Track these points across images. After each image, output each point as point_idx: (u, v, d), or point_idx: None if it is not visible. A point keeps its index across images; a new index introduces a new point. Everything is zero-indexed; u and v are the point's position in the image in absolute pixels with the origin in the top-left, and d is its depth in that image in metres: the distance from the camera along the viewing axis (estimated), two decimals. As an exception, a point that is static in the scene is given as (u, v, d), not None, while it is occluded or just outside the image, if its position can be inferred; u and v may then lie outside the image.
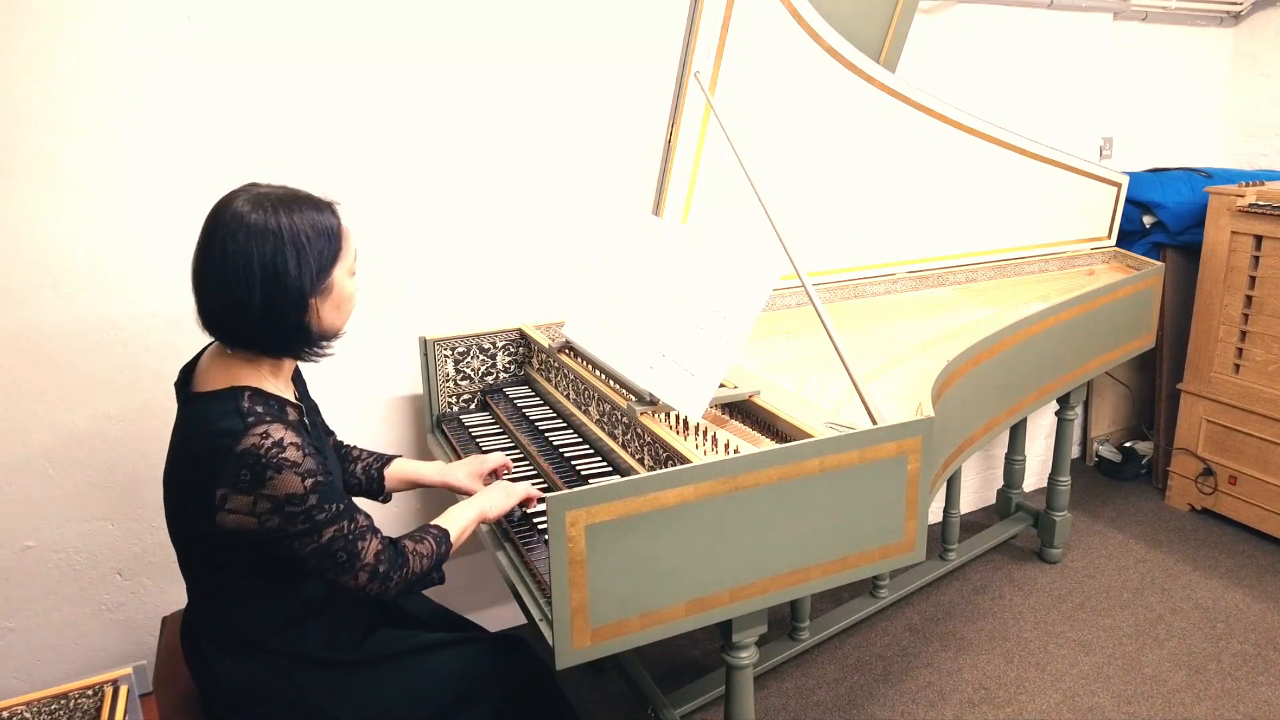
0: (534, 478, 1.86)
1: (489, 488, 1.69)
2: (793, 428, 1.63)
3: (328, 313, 1.38)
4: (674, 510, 1.39)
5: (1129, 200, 3.33)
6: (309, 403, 1.56)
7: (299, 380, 1.54)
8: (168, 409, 1.47)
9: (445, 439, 2.17)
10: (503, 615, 2.68)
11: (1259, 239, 3.03)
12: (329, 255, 1.36)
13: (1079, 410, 3.12)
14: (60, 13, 1.89)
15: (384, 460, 1.80)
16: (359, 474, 1.77)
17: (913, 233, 2.73)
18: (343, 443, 1.79)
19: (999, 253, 2.94)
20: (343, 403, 2.34)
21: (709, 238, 1.82)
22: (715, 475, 1.41)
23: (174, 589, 2.25)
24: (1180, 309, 3.46)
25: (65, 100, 1.93)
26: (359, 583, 1.38)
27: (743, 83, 2.19)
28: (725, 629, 1.58)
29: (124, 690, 1.48)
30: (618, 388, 1.85)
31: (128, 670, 1.52)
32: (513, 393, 2.28)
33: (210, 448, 1.30)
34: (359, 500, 1.59)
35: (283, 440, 1.29)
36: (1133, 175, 3.32)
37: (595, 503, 1.33)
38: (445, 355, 2.25)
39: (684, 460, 1.52)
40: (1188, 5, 3.55)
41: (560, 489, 1.69)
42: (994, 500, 3.46)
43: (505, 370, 2.34)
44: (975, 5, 3.02)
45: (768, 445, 1.58)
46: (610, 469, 1.79)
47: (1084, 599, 2.86)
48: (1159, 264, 2.99)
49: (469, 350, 2.28)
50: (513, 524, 1.67)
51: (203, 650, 1.43)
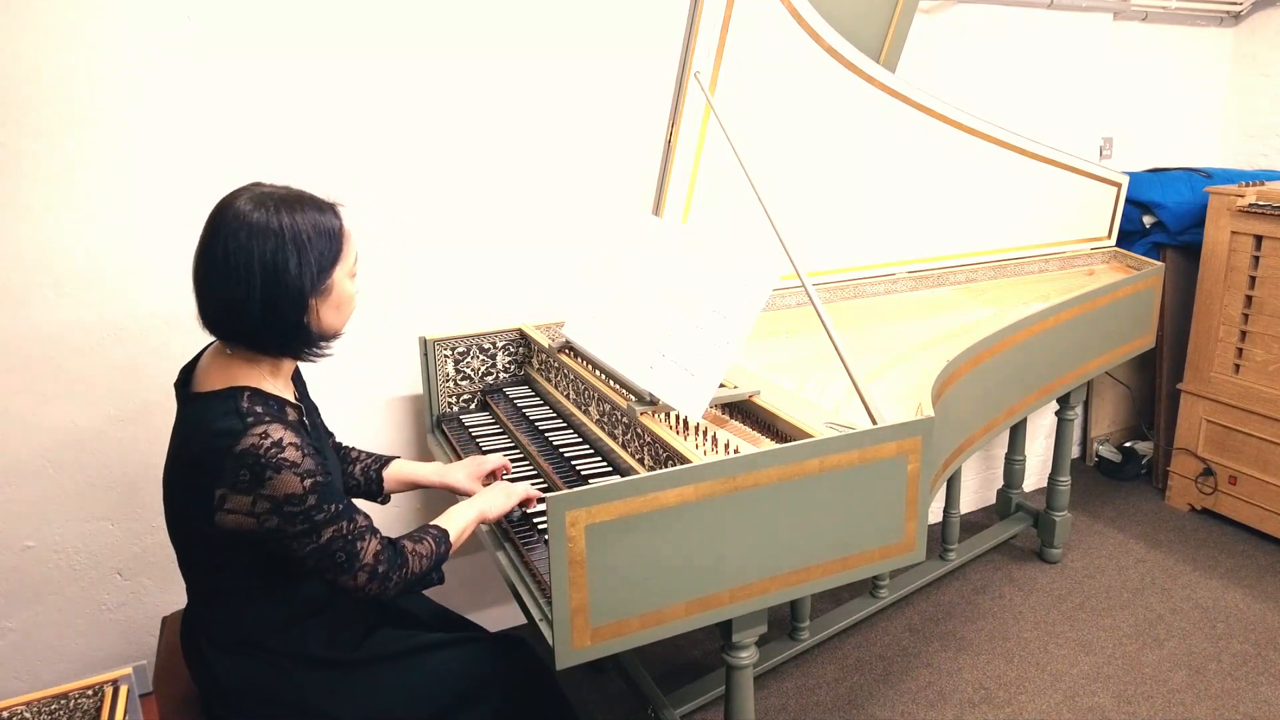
0: (534, 478, 1.86)
1: (489, 488, 1.69)
2: (793, 428, 1.63)
3: (327, 313, 1.38)
4: (674, 510, 1.39)
5: (1129, 200, 3.33)
6: (309, 403, 1.56)
7: (299, 381, 1.54)
8: (168, 409, 1.47)
9: (445, 439, 2.17)
10: (503, 615, 2.68)
11: (1259, 239, 3.04)
12: (329, 256, 1.36)
13: (1079, 410, 3.12)
14: (60, 12, 1.89)
15: (383, 461, 1.80)
16: (357, 475, 1.77)
17: (913, 233, 2.73)
18: (341, 444, 1.79)
19: (999, 253, 2.94)
20: (343, 403, 2.34)
21: (709, 238, 1.82)
22: (715, 475, 1.41)
23: (174, 589, 2.25)
24: (1180, 309, 3.46)
25: (65, 100, 1.93)
26: (358, 583, 1.38)
27: (743, 83, 2.19)
28: (725, 629, 1.58)
29: (124, 690, 1.48)
30: (618, 388, 1.85)
31: (128, 670, 1.52)
32: (513, 393, 2.28)
33: (210, 448, 1.30)
34: (358, 501, 1.59)
35: (282, 440, 1.29)
36: (1133, 175, 3.32)
37: (595, 503, 1.33)
38: (445, 355, 2.25)
39: (684, 460, 1.52)
40: (1188, 5, 3.55)
41: (560, 489, 1.69)
42: (994, 500, 3.46)
43: (505, 370, 2.34)
44: (975, 5, 3.02)
45: (768, 445, 1.58)
46: (610, 469, 1.79)
47: (1084, 599, 2.86)
48: (1159, 264, 3.00)
49: (469, 350, 2.28)
50: (512, 524, 1.67)
51: (202, 650, 1.43)
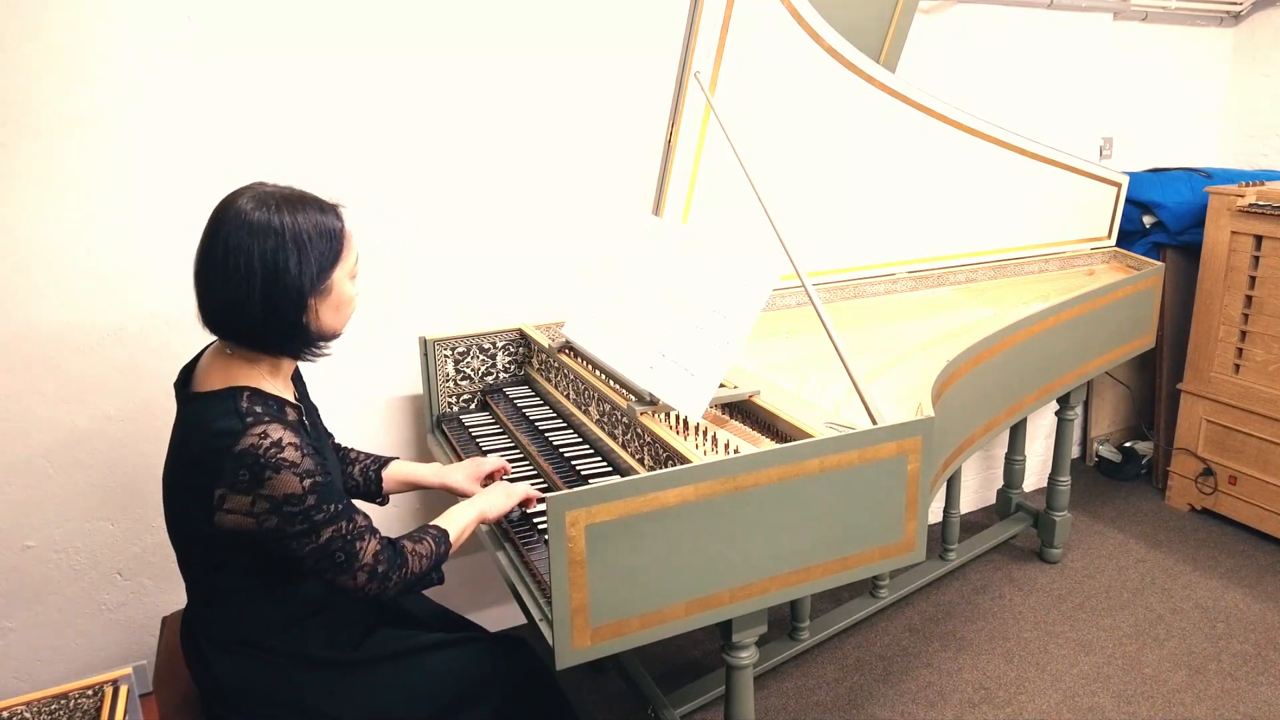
0: (534, 478, 1.86)
1: (488, 488, 1.69)
2: (793, 428, 1.63)
3: (326, 314, 1.38)
4: (674, 510, 1.39)
5: (1129, 200, 3.33)
6: (308, 404, 1.56)
7: (299, 381, 1.54)
8: (168, 409, 1.47)
9: (445, 439, 2.17)
10: (503, 615, 2.68)
11: (1259, 239, 3.04)
12: (330, 256, 1.36)
13: (1079, 410, 3.12)
14: (60, 13, 1.89)
15: (381, 462, 1.79)
16: (356, 476, 1.77)
17: (913, 233, 2.73)
18: (340, 445, 1.79)
19: (999, 253, 2.94)
20: (343, 403, 2.34)
21: (709, 238, 1.82)
22: (715, 475, 1.41)
23: (174, 589, 2.25)
24: (1180, 309, 3.46)
25: (65, 100, 1.93)
26: (358, 583, 1.38)
27: (743, 83, 2.19)
28: (725, 629, 1.58)
29: (124, 690, 1.48)
30: (618, 388, 1.85)
31: (128, 670, 1.52)
32: (513, 393, 2.28)
33: (209, 448, 1.30)
34: (357, 502, 1.59)
35: (281, 440, 1.29)
36: (1133, 175, 3.32)
37: (595, 503, 1.33)
38: (445, 355, 2.25)
39: (684, 460, 1.52)
40: (1188, 5, 3.55)
41: (560, 489, 1.69)
42: (994, 500, 3.46)
43: (505, 370, 2.34)
44: (975, 5, 3.02)
45: (768, 445, 1.58)
46: (610, 469, 1.79)
47: (1084, 599, 2.86)
48: (1159, 264, 2.99)
49: (469, 350, 2.28)
50: (512, 524, 1.67)
51: (202, 650, 1.43)
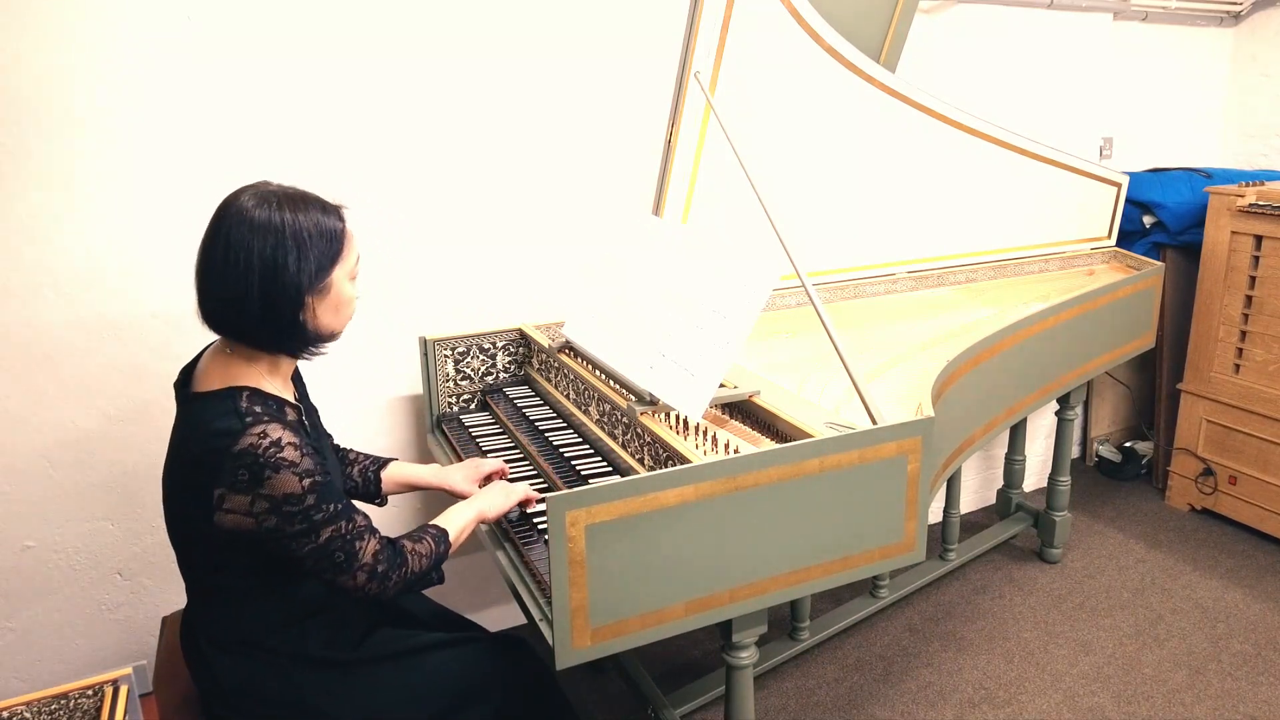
0: (534, 478, 1.86)
1: (488, 488, 1.69)
2: (793, 428, 1.63)
3: (325, 313, 1.38)
4: (674, 510, 1.39)
5: (1129, 200, 3.33)
6: (308, 404, 1.56)
7: (299, 382, 1.54)
8: (168, 409, 1.47)
9: (445, 439, 2.17)
10: (503, 615, 2.68)
11: (1259, 239, 3.03)
12: (329, 256, 1.36)
13: (1079, 410, 3.12)
14: (60, 12, 1.89)
15: (380, 463, 1.79)
16: (355, 477, 1.77)
17: (913, 233, 2.73)
18: (339, 445, 1.79)
19: (999, 253, 2.94)
20: (343, 403, 2.34)
21: (709, 238, 1.82)
22: (715, 475, 1.41)
23: (174, 589, 2.25)
24: (1180, 309, 3.46)
25: (65, 100, 1.93)
26: (357, 583, 1.38)
27: (743, 83, 2.19)
28: (725, 629, 1.58)
29: (124, 690, 1.48)
30: (618, 388, 1.85)
31: (128, 670, 1.52)
32: (513, 393, 2.28)
33: (208, 448, 1.30)
34: (356, 502, 1.59)
35: (280, 440, 1.29)
36: (1133, 175, 3.32)
37: (595, 503, 1.33)
38: (445, 355, 2.25)
39: (684, 460, 1.52)
40: (1188, 5, 3.55)
41: (560, 489, 1.69)
42: (994, 500, 3.46)
43: (505, 370, 2.34)
44: (975, 5, 3.02)
45: (768, 445, 1.58)
46: (610, 469, 1.79)
47: (1084, 599, 2.86)
48: (1159, 264, 2.99)
49: (469, 350, 2.28)
50: (512, 524, 1.67)
51: (202, 650, 1.43)
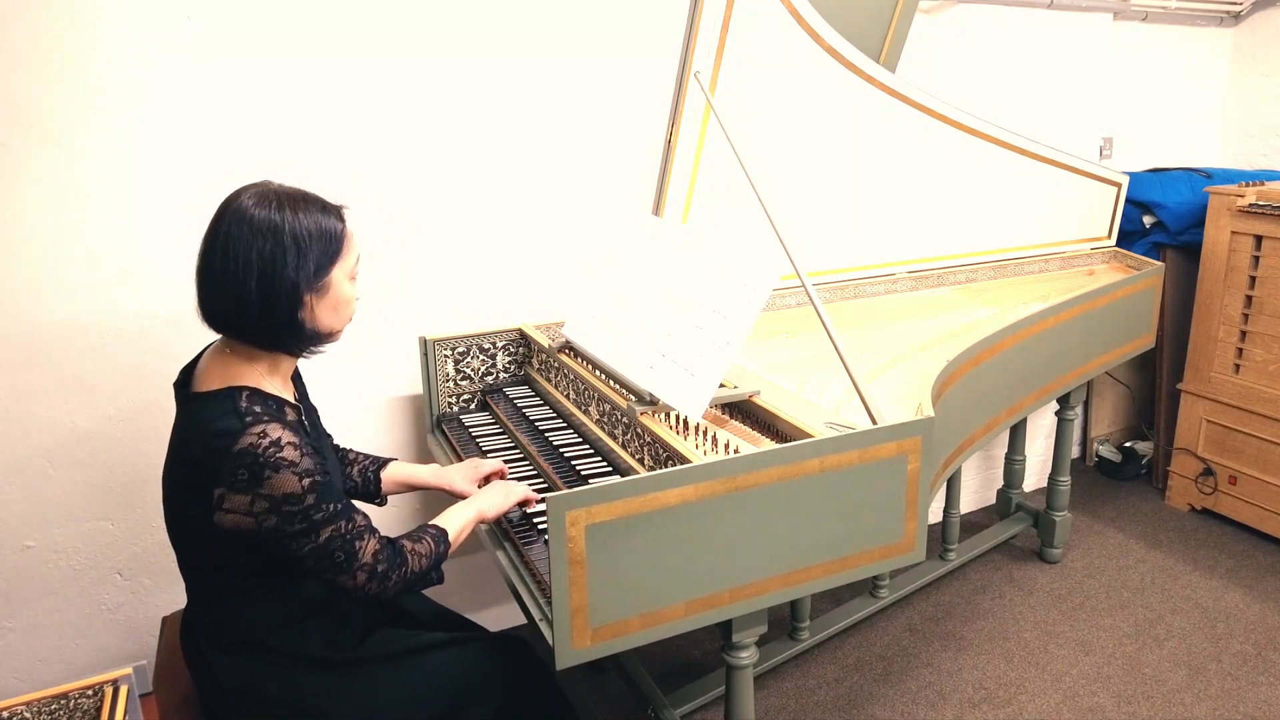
0: (534, 478, 1.86)
1: (487, 488, 1.69)
2: (793, 428, 1.63)
3: (324, 312, 1.38)
4: (674, 510, 1.39)
5: (1129, 200, 3.33)
6: (308, 404, 1.56)
7: (298, 382, 1.55)
8: (168, 409, 1.47)
9: (445, 439, 2.17)
10: (503, 615, 2.68)
11: (1259, 239, 3.03)
12: (328, 256, 1.36)
13: (1079, 410, 3.12)
14: (60, 12, 1.89)
15: (380, 463, 1.80)
16: (355, 477, 1.77)
17: (913, 233, 2.73)
18: (339, 445, 1.79)
19: (999, 253, 2.94)
20: (343, 403, 2.34)
21: (709, 238, 1.82)
22: (715, 475, 1.41)
23: (174, 589, 2.25)
24: (1180, 309, 3.46)
25: (65, 100, 1.93)
26: (357, 583, 1.38)
27: (743, 83, 2.19)
28: (725, 629, 1.58)
29: (124, 690, 1.48)
30: (618, 388, 1.85)
31: (128, 670, 1.52)
32: (513, 393, 2.28)
33: (208, 447, 1.30)
34: (356, 502, 1.59)
35: (280, 440, 1.29)
36: (1133, 175, 3.32)
37: (595, 503, 1.33)
38: (445, 355, 2.25)
39: (684, 460, 1.52)
40: (1188, 5, 3.55)
41: (560, 489, 1.69)
42: (994, 500, 3.46)
43: (505, 370, 2.34)
44: (975, 5, 3.02)
45: (768, 445, 1.58)
46: (610, 469, 1.79)
47: (1084, 599, 2.86)
48: (1159, 264, 2.99)
49: (469, 350, 2.27)
50: (513, 525, 1.67)
51: (202, 650, 1.43)
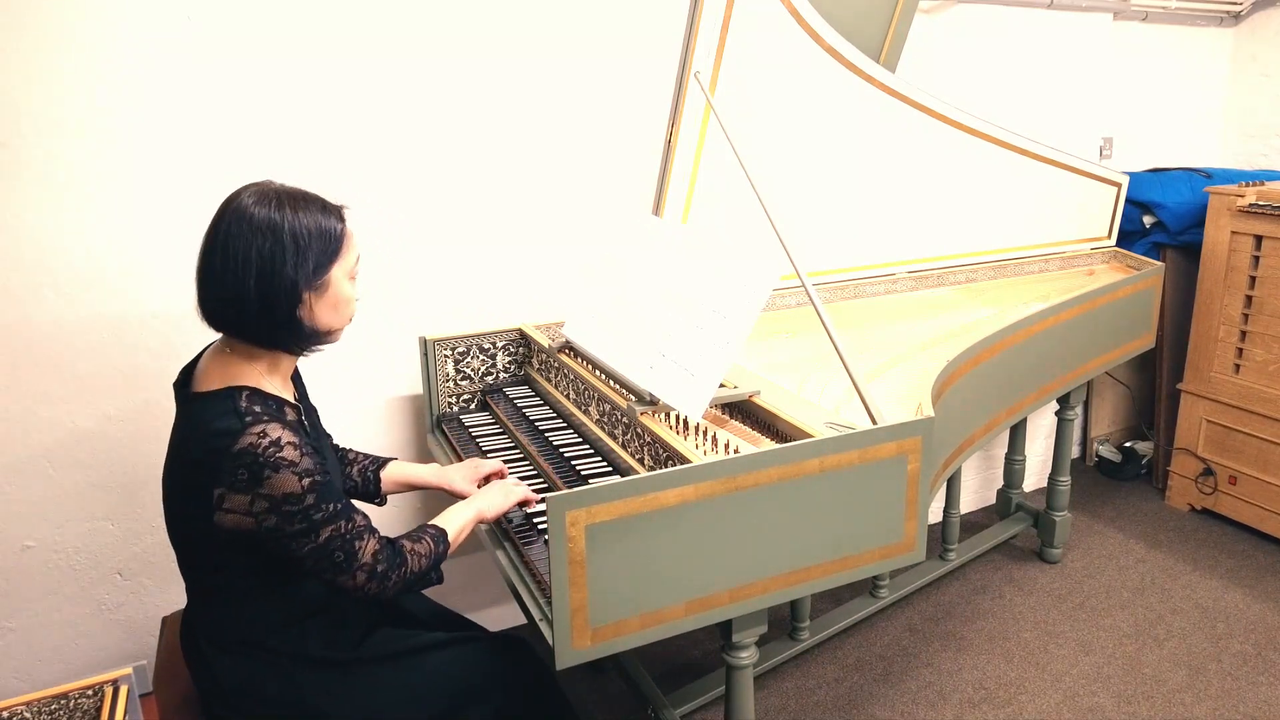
0: (534, 478, 1.86)
1: (487, 488, 1.69)
2: (793, 428, 1.63)
3: (322, 311, 1.38)
4: (674, 510, 1.39)
5: (1129, 200, 3.33)
6: (308, 404, 1.56)
7: (298, 382, 1.55)
8: (168, 409, 1.47)
9: (445, 439, 2.17)
10: (503, 615, 2.68)
11: (1259, 239, 3.03)
12: (327, 255, 1.36)
13: (1079, 410, 3.12)
14: (60, 12, 1.89)
15: (380, 462, 1.80)
16: (355, 476, 1.77)
17: (913, 233, 2.73)
18: (338, 445, 1.79)
19: (999, 253, 2.94)
20: (343, 403, 2.34)
21: (709, 238, 1.82)
22: (715, 475, 1.41)
23: (174, 589, 2.25)
24: (1180, 309, 3.46)
25: (65, 100, 1.93)
26: (357, 583, 1.38)
27: (743, 83, 2.19)
28: (725, 629, 1.58)
29: (124, 690, 1.48)
30: (618, 388, 1.85)
31: (128, 670, 1.52)
32: (513, 393, 2.28)
33: (208, 447, 1.30)
34: (355, 502, 1.59)
35: (280, 440, 1.29)
36: (1133, 175, 3.32)
37: (595, 503, 1.33)
38: (445, 355, 2.25)
39: (684, 460, 1.52)
40: (1188, 5, 3.55)
41: (560, 489, 1.69)
42: (994, 500, 3.46)
43: (505, 370, 2.34)
44: (975, 5, 3.02)
45: (768, 445, 1.58)
46: (610, 469, 1.79)
47: (1084, 599, 2.86)
48: (1159, 264, 2.99)
49: (469, 350, 2.27)
50: (513, 525, 1.67)
51: (202, 650, 1.43)
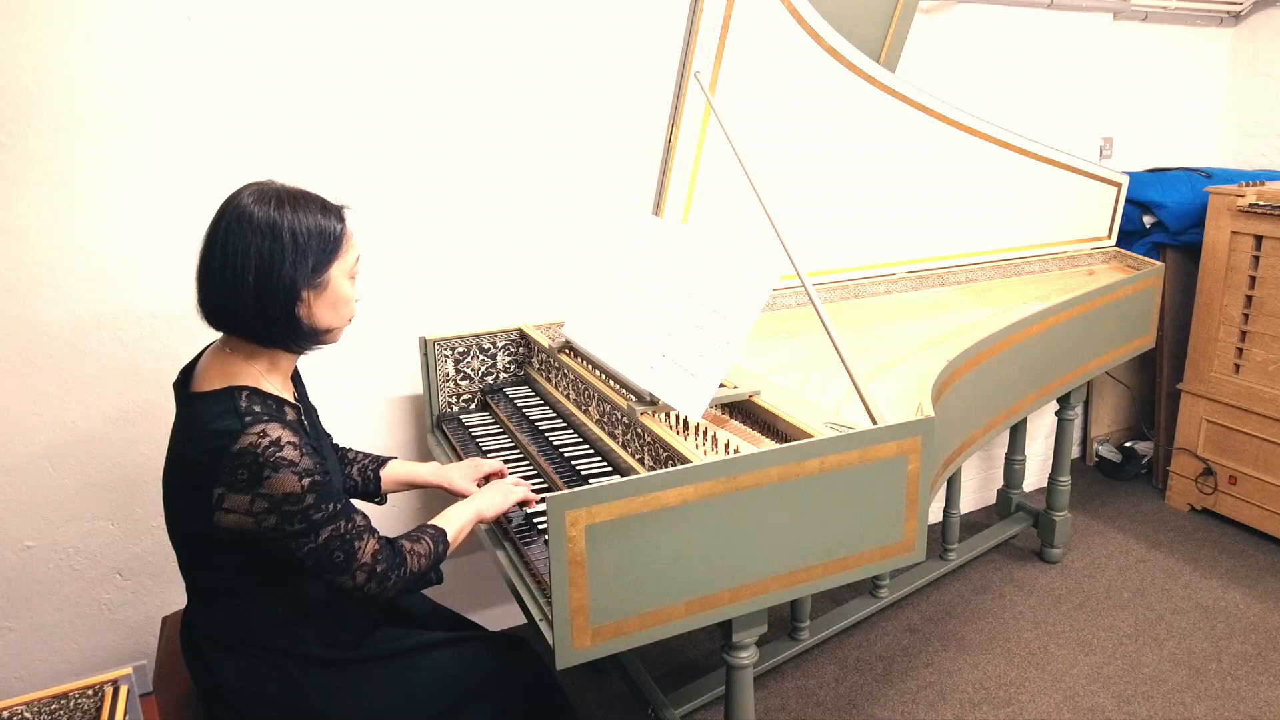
0: (534, 478, 1.86)
1: (486, 487, 1.69)
2: (793, 428, 1.63)
3: (321, 310, 1.38)
4: (674, 510, 1.39)
5: (1129, 200, 3.33)
6: (308, 404, 1.56)
7: (298, 382, 1.55)
8: (168, 409, 1.47)
9: (445, 439, 2.17)
10: (503, 615, 2.68)
11: (1259, 239, 3.03)
12: (326, 253, 1.36)
13: (1079, 410, 3.11)
14: (60, 12, 1.89)
15: (380, 462, 1.80)
16: (355, 476, 1.77)
17: (913, 233, 2.73)
18: (338, 445, 1.79)
19: (999, 253, 2.94)
20: (343, 403, 2.34)
21: (709, 238, 1.82)
22: (715, 475, 1.41)
23: (174, 589, 2.25)
24: (1180, 309, 3.46)
25: (65, 100, 1.93)
26: (357, 583, 1.38)
27: (743, 83, 2.19)
28: (725, 629, 1.58)
29: (124, 690, 1.48)
30: (618, 388, 1.85)
31: (128, 670, 1.52)
32: (513, 393, 2.28)
33: (208, 447, 1.30)
34: (355, 502, 1.59)
35: (280, 439, 1.29)
36: (1133, 175, 3.32)
37: (595, 503, 1.33)
38: (445, 355, 2.25)
39: (684, 460, 1.52)
40: (1188, 5, 3.55)
41: (560, 489, 1.69)
42: (994, 500, 3.46)
43: (505, 370, 2.34)
44: (975, 5, 3.02)
45: (768, 445, 1.58)
46: (610, 469, 1.79)
47: (1084, 599, 2.86)
48: (1159, 264, 2.99)
49: (469, 350, 2.27)
50: (513, 525, 1.67)
51: (202, 650, 1.43)
